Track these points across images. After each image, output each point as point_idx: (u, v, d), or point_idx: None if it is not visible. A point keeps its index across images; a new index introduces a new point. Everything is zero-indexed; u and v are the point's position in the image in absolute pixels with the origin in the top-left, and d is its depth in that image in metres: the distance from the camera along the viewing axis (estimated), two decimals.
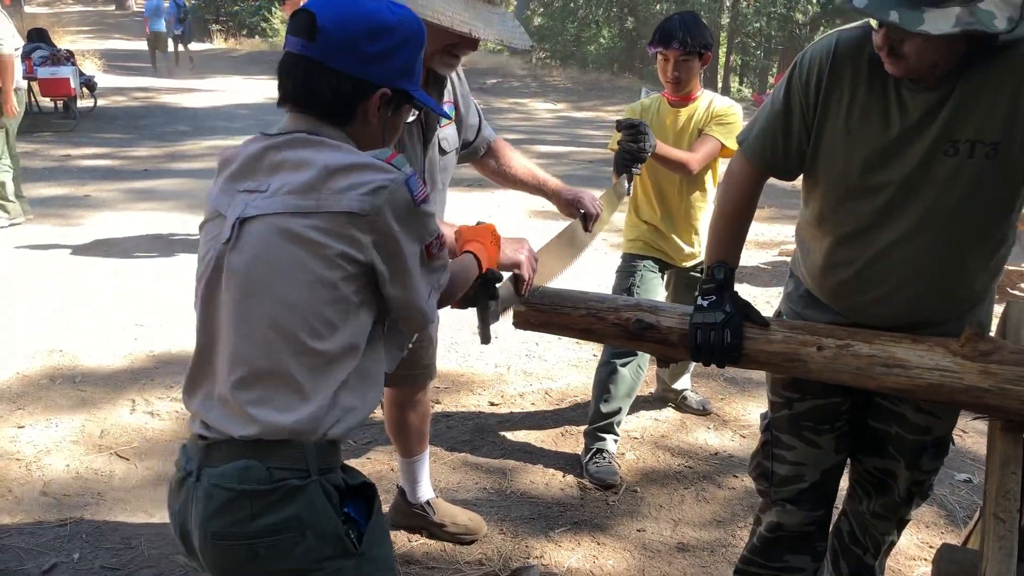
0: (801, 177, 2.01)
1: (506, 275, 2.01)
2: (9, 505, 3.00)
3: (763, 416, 2.27)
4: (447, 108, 2.40)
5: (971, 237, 1.83)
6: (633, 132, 2.93)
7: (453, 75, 2.41)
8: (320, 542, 1.44)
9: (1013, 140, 1.71)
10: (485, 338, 1.99)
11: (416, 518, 2.89)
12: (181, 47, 20.33)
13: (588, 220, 2.57)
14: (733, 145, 3.22)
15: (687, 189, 3.38)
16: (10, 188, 6.70)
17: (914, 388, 1.78)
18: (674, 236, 3.42)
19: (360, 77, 1.50)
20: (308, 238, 1.41)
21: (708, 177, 3.39)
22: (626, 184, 2.94)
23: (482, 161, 2.71)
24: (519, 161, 2.74)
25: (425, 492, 2.89)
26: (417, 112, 1.60)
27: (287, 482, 1.42)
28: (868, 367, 1.80)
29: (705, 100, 3.35)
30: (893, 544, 2.34)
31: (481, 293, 1.89)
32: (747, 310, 1.94)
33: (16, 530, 2.85)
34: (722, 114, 3.29)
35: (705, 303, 1.93)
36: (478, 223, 1.97)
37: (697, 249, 3.45)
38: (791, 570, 2.26)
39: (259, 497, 1.41)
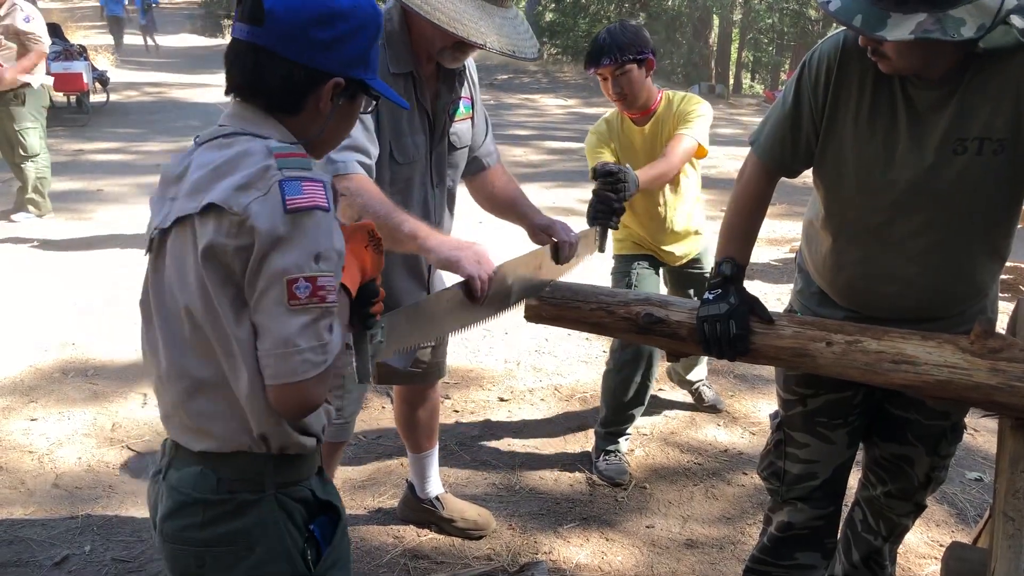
0: (811, 174, 2.01)
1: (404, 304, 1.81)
2: (22, 497, 3.02)
3: (773, 415, 2.27)
4: (464, 104, 2.36)
5: (979, 230, 1.85)
6: (611, 180, 2.65)
7: (468, 73, 2.38)
8: (269, 558, 1.39)
9: (1020, 136, 1.72)
10: (362, 375, 1.57)
11: (425, 513, 2.90)
12: (151, 40, 20.71)
13: (560, 251, 2.30)
14: (705, 142, 3.12)
15: (665, 201, 3.24)
16: (47, 184, 6.82)
17: (923, 385, 1.77)
18: (662, 246, 3.35)
19: (311, 65, 1.39)
20: (196, 243, 1.31)
21: (685, 174, 3.25)
22: (598, 239, 2.60)
23: (474, 176, 2.54)
24: (506, 185, 2.54)
25: (434, 487, 2.89)
26: (375, 102, 1.53)
27: (238, 495, 1.38)
28: (877, 363, 1.80)
29: (666, 102, 3.15)
30: (906, 531, 2.33)
31: (352, 319, 1.50)
32: (753, 305, 1.95)
33: (28, 522, 2.87)
34: (687, 111, 3.10)
35: (711, 296, 1.95)
36: (358, 222, 1.59)
37: (688, 249, 3.40)
38: (801, 568, 2.26)
39: (210, 507, 1.38)
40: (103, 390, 3.90)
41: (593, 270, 4.60)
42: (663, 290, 3.47)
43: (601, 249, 2.63)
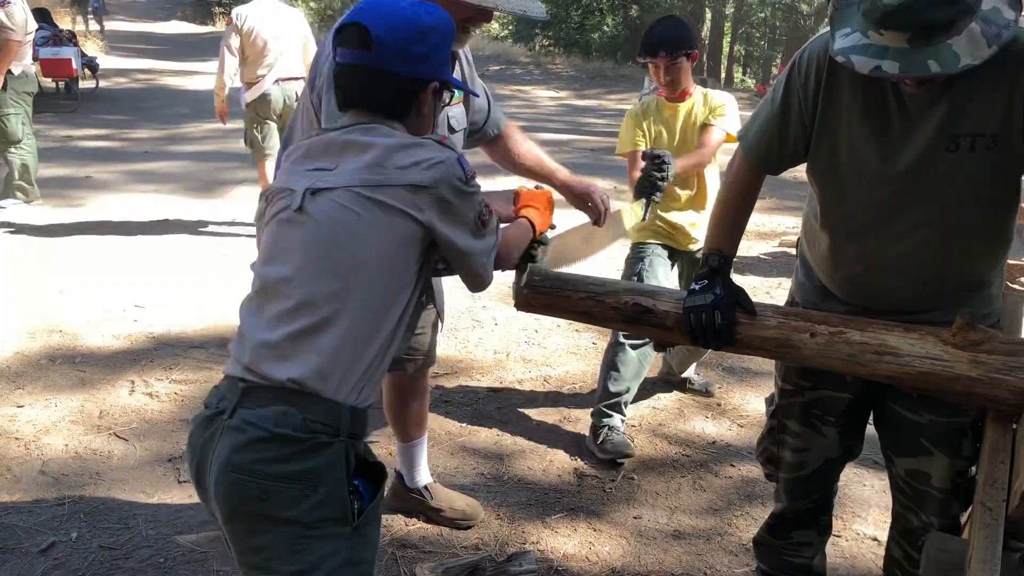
0: (806, 171, 2.02)
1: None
2: (8, 484, 3.02)
3: (768, 401, 2.30)
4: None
5: (977, 224, 1.86)
6: (658, 162, 3.06)
7: (462, 55, 2.44)
8: (328, 501, 1.53)
9: (1012, 131, 1.73)
10: (517, 296, 2.13)
11: (413, 502, 2.90)
12: (96, 25, 20.57)
13: (596, 216, 2.64)
14: (735, 131, 3.33)
15: (688, 182, 3.48)
16: (33, 170, 6.76)
17: (905, 376, 1.79)
18: (679, 223, 3.52)
19: (415, 76, 1.70)
20: (377, 206, 1.59)
21: (709, 166, 3.51)
22: (643, 211, 3.07)
23: (491, 145, 2.77)
24: (528, 148, 2.79)
25: (423, 477, 2.90)
26: (452, 96, 1.81)
27: (318, 436, 1.52)
28: (859, 354, 1.82)
29: (699, 95, 3.48)
30: None
31: (525, 257, 2.07)
32: (739, 296, 1.96)
33: (14, 509, 2.87)
34: (719, 107, 3.43)
35: (697, 287, 1.97)
36: (536, 187, 2.21)
37: (701, 232, 3.49)
38: (798, 544, 2.38)
39: (289, 443, 1.50)
40: (90, 377, 3.89)
41: (611, 260, 4.63)
42: (673, 279, 3.53)
43: (644, 218, 3.11)
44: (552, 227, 2.19)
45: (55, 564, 2.60)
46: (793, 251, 6.22)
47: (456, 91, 1.86)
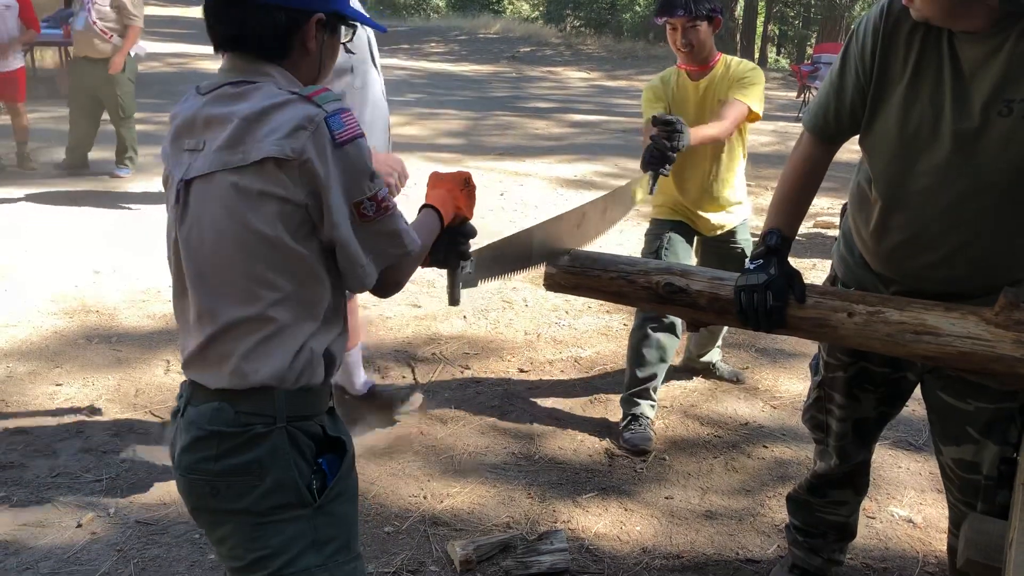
0: (858, 139, 1.98)
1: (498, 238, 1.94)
2: (47, 460, 3.07)
3: (813, 369, 2.27)
4: None
5: None
6: (668, 129, 2.81)
7: None
8: (277, 489, 1.47)
9: None
10: (452, 300, 1.86)
11: (365, 407, 2.94)
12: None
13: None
14: (758, 108, 3.19)
15: (712, 168, 3.31)
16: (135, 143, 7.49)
17: (944, 356, 1.76)
18: (700, 212, 3.39)
19: (291, 6, 1.46)
20: (244, 193, 1.40)
21: (735, 143, 3.32)
22: (651, 183, 2.84)
23: None
24: None
25: (363, 379, 2.94)
26: (354, 30, 1.61)
27: (252, 428, 1.46)
28: (898, 334, 1.78)
29: (723, 64, 3.25)
30: None
31: (451, 251, 1.75)
32: (792, 279, 1.90)
33: (53, 484, 2.92)
34: (743, 76, 3.19)
35: (752, 266, 1.92)
36: (455, 172, 1.79)
37: (724, 220, 3.43)
38: (835, 503, 2.39)
39: (224, 438, 1.46)
40: (126, 357, 3.94)
41: (628, 236, 4.59)
42: (693, 259, 3.47)
43: (652, 192, 2.86)
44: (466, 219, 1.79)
45: (93, 539, 2.65)
46: (828, 232, 6.15)
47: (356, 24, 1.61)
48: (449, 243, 1.74)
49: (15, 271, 4.96)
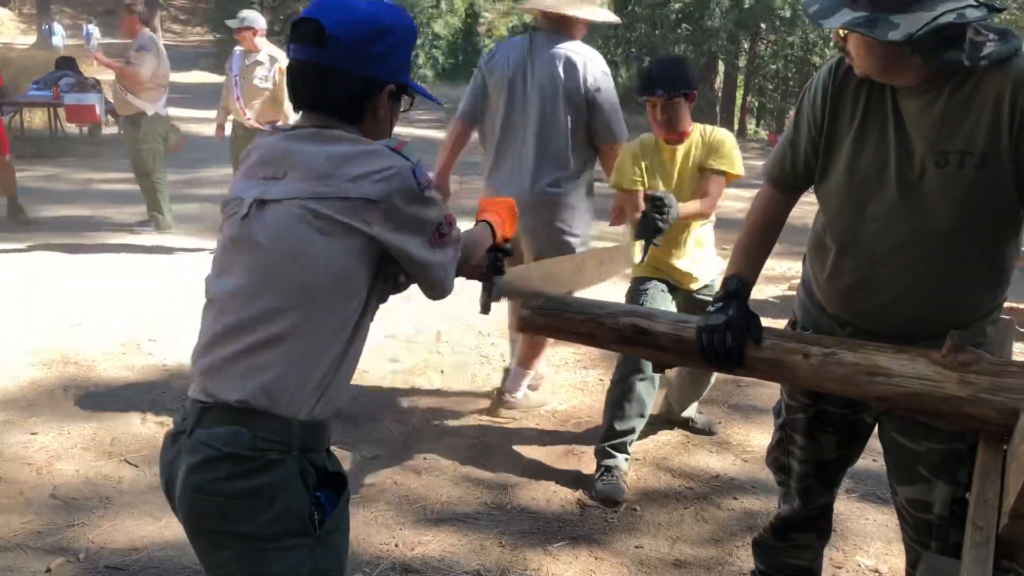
0: (813, 188, 2.09)
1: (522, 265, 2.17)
2: (19, 507, 3.06)
3: (776, 412, 2.33)
4: None
5: (972, 247, 1.87)
6: (659, 204, 3.05)
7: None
8: (284, 515, 1.53)
9: (1000, 151, 1.76)
10: (485, 309, 2.10)
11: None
12: None
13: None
14: (735, 170, 3.37)
15: (688, 226, 3.44)
16: (166, 201, 7.46)
17: (895, 397, 1.82)
18: (677, 263, 3.49)
19: (370, 77, 1.64)
20: (324, 220, 1.53)
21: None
22: (642, 253, 3.10)
23: None
24: None
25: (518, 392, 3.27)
26: (411, 102, 1.80)
27: (267, 454, 1.52)
28: (852, 375, 1.84)
29: (698, 132, 3.44)
30: None
31: (491, 266, 2.03)
32: (750, 321, 1.97)
33: (24, 531, 2.91)
34: (718, 145, 3.40)
35: (713, 308, 2.01)
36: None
37: (703, 274, 3.53)
38: (798, 547, 2.41)
39: (239, 461, 1.51)
40: (103, 407, 3.94)
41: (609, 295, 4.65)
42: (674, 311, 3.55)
43: (643, 260, 3.18)
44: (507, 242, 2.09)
45: None
46: None
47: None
48: (492, 259, 2.01)
49: None
